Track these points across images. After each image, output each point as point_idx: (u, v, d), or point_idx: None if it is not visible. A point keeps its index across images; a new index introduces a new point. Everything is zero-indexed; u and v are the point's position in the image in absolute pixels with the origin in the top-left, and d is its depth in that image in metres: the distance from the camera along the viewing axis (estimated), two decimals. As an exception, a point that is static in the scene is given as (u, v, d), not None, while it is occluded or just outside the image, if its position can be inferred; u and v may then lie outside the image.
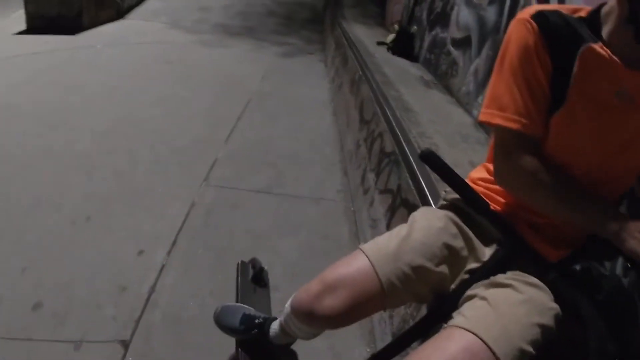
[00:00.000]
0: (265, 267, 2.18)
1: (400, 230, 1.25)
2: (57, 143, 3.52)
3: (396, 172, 2.43)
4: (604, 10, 1.03)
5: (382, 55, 4.77)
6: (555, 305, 1.05)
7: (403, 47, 5.01)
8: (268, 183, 3.38)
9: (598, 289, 1.00)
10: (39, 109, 4.09)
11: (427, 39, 4.74)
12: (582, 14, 1.06)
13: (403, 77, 3.94)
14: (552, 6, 1.08)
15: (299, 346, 1.72)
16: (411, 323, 1.68)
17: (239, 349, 1.73)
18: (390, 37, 5.30)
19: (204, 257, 2.51)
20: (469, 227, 1.23)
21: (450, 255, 1.19)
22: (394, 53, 5.00)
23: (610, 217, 0.99)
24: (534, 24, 1.01)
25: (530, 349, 0.97)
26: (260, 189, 3.30)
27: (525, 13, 1.04)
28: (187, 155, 3.60)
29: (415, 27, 5.23)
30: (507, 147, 1.08)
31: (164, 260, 2.44)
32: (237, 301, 1.95)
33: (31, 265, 2.29)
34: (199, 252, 2.55)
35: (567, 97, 1.01)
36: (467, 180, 1.30)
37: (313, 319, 1.24)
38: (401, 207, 2.24)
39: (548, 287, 1.07)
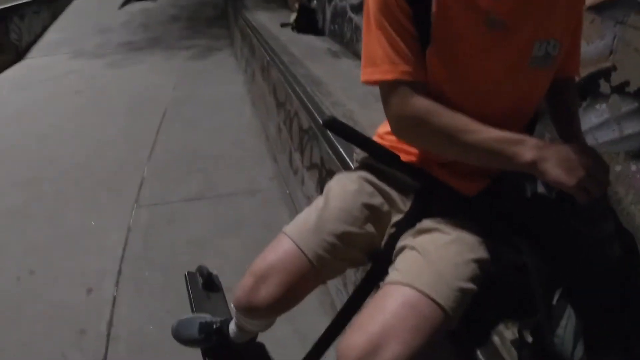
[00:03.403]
0: (214, 272, 2.16)
1: (317, 202, 1.24)
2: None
3: (317, 146, 2.43)
4: None
5: (288, 36, 4.72)
6: (485, 238, 1.04)
7: (306, 23, 4.97)
8: (199, 189, 3.33)
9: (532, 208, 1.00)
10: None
11: (329, 10, 4.72)
12: None
13: (310, 53, 3.93)
14: None
15: (264, 337, 1.72)
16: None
17: (206, 358, 1.73)
18: (293, 17, 5.25)
19: (152, 279, 2.49)
20: (385, 182, 1.22)
21: (372, 214, 1.18)
22: (299, 31, 4.96)
23: (527, 147, 0.91)
24: None
25: (470, 285, 0.98)
26: (192, 197, 3.25)
27: None
28: (113, 183, 3.50)
29: (315, 1, 5.21)
30: (392, 100, 1.02)
31: (114, 292, 2.42)
32: (192, 312, 1.92)
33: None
34: (146, 275, 2.52)
35: (431, 38, 0.98)
36: (375, 137, 1.30)
37: (255, 312, 1.24)
38: (328, 178, 2.24)
39: (475, 221, 1.07)
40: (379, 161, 1.25)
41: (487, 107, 1.03)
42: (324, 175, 2.31)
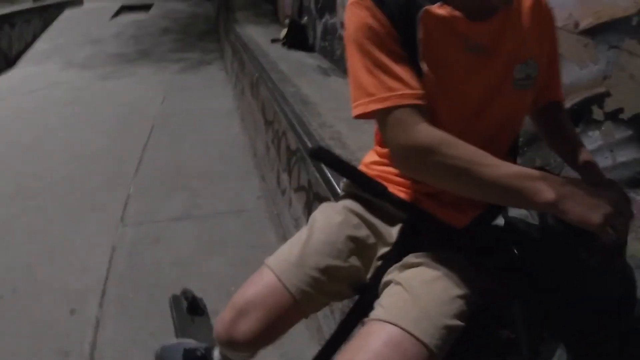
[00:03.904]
0: (199, 295, 2.11)
1: (300, 234, 1.20)
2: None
3: (304, 168, 2.41)
4: None
5: (278, 52, 4.72)
6: (473, 273, 1.02)
7: (296, 39, 4.98)
8: (185, 207, 3.31)
9: (526, 241, 0.98)
10: None
11: (319, 27, 4.74)
12: None
13: (300, 70, 3.92)
14: None
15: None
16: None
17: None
18: (283, 32, 5.25)
19: (136, 300, 2.46)
20: (372, 213, 1.19)
21: (357, 247, 1.15)
22: (289, 47, 4.96)
23: (547, 184, 0.83)
24: (367, 0, 0.95)
25: (456, 322, 0.96)
26: (178, 215, 3.22)
27: None
28: (98, 199, 3.46)
29: (305, 17, 5.22)
30: (395, 129, 0.94)
31: (98, 313, 2.39)
32: (176, 337, 1.89)
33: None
34: (130, 296, 2.49)
35: (420, 65, 0.95)
36: (361, 166, 1.27)
37: (234, 346, 1.19)
38: (315, 201, 2.22)
39: (464, 254, 1.05)
40: (366, 192, 1.21)
41: (474, 130, 1.01)
42: (312, 199, 2.28)
